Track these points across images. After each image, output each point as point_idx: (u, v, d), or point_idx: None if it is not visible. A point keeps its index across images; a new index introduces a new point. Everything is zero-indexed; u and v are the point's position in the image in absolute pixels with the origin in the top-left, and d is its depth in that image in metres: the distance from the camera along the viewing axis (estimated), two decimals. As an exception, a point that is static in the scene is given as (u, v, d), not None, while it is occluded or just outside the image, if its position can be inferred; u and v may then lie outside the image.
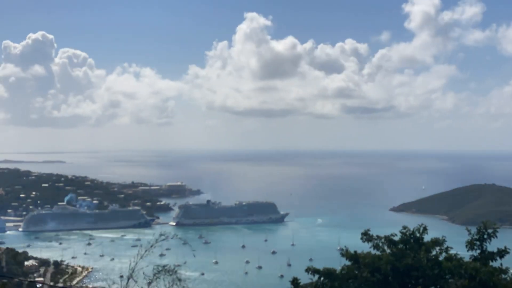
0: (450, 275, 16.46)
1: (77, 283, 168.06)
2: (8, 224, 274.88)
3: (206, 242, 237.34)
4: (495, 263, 16.49)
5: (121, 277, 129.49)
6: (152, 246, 16.82)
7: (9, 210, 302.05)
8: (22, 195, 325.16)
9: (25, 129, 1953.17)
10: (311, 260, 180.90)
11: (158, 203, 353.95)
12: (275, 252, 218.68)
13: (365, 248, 18.19)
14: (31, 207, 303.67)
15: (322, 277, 17.18)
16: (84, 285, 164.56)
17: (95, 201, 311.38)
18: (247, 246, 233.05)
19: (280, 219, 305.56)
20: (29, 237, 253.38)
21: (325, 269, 17.32)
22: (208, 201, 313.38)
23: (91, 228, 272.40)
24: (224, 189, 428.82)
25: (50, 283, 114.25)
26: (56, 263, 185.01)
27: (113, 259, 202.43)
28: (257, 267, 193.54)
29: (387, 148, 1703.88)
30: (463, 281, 15.99)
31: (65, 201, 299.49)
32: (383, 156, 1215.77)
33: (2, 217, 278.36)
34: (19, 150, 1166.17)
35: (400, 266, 16.79)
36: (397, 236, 17.86)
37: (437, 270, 16.48)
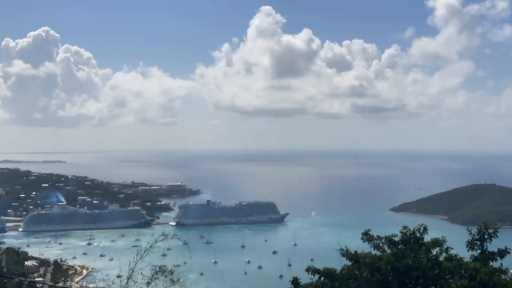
0: (450, 275, 16.42)
1: (77, 283, 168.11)
2: (8, 224, 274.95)
3: (208, 242, 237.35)
4: (496, 263, 16.47)
5: (119, 277, 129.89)
6: (152, 247, 16.83)
7: (9, 210, 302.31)
8: (22, 195, 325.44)
9: (28, 129, 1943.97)
10: (312, 260, 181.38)
11: (158, 203, 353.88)
12: (276, 252, 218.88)
13: (366, 248, 18.18)
14: (31, 207, 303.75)
15: (322, 277, 17.17)
16: (84, 285, 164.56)
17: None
18: (247, 246, 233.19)
19: (280, 219, 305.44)
20: (29, 237, 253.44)
21: (325, 269, 17.29)
22: (208, 201, 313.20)
23: (91, 228, 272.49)
24: (238, 191, 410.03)
25: (50, 283, 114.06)
26: (56, 263, 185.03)
27: (113, 259, 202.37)
28: (257, 267, 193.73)
29: (397, 148, 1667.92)
30: (463, 281, 15.95)
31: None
32: (393, 157, 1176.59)
33: (2, 217, 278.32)
34: (20, 150, 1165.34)
35: (400, 266, 16.77)
36: (397, 236, 17.85)
37: (437, 270, 16.46)
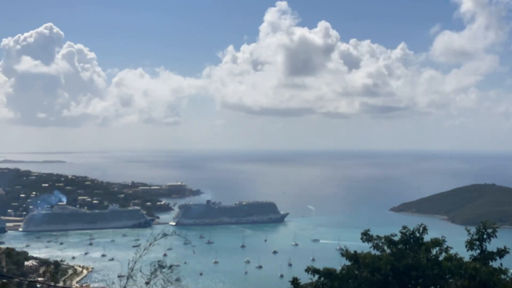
0: (450, 275, 16.44)
1: (77, 283, 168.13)
2: (8, 224, 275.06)
3: (209, 242, 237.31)
4: (495, 263, 16.48)
5: (120, 277, 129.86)
6: (151, 244, 16.78)
7: (9, 210, 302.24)
8: (22, 195, 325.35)
9: (31, 129, 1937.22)
10: (314, 260, 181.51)
11: (158, 203, 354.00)
12: (276, 252, 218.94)
13: (365, 248, 18.18)
14: (31, 207, 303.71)
15: (322, 277, 17.18)
16: (84, 285, 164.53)
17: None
18: (247, 246, 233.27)
19: (280, 219, 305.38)
20: (29, 237, 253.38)
21: (325, 269, 17.31)
22: (208, 201, 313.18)
23: (91, 228, 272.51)
24: (246, 192, 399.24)
25: (50, 283, 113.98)
26: (56, 263, 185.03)
27: (113, 259, 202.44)
28: (257, 267, 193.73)
29: (407, 148, 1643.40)
30: (463, 281, 15.98)
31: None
32: (403, 157, 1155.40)
33: (2, 217, 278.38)
34: (22, 150, 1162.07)
35: (400, 266, 16.78)
36: (397, 236, 17.85)
37: (437, 270, 16.47)
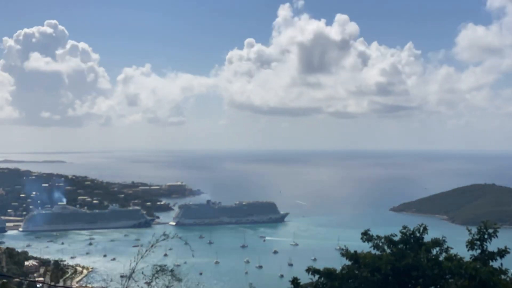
0: (450, 275, 16.44)
1: (77, 283, 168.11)
2: (8, 224, 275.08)
3: (210, 242, 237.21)
4: (495, 263, 16.48)
5: (122, 277, 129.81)
6: (153, 246, 16.82)
7: (9, 210, 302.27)
8: (22, 195, 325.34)
9: (34, 129, 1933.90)
10: (315, 260, 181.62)
11: (158, 203, 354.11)
12: (276, 252, 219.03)
13: (365, 248, 18.20)
14: (31, 207, 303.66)
15: (322, 277, 17.19)
16: (84, 285, 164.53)
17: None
18: (247, 246, 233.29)
19: (280, 219, 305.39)
20: (29, 237, 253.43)
21: (325, 269, 17.32)
22: (208, 201, 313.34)
23: (91, 228, 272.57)
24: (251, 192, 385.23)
25: (50, 283, 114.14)
26: (56, 263, 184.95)
27: (113, 259, 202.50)
28: (257, 267, 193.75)
29: (417, 148, 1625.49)
30: (463, 281, 15.98)
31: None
32: (412, 157, 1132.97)
33: (2, 217, 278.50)
34: (23, 150, 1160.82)
35: (400, 266, 16.78)
36: (397, 236, 17.86)
37: (437, 270, 16.47)
